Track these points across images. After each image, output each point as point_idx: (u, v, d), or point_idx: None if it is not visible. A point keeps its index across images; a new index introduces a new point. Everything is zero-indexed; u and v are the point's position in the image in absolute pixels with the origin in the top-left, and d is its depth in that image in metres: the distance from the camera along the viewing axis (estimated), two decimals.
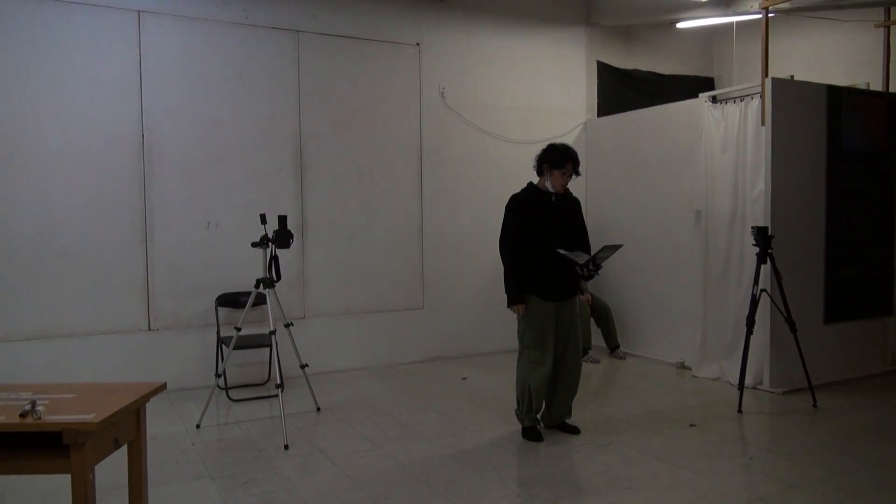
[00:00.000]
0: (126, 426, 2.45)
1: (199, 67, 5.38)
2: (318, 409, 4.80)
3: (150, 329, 5.27)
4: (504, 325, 6.71)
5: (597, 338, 6.58)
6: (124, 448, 2.51)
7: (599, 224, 6.99)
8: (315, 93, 5.82)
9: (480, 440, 4.17)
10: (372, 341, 6.14)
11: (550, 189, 4.15)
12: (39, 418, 2.15)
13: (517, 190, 4.32)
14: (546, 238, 4.08)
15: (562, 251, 4.01)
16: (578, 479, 3.59)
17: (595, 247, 4.22)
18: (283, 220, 4.41)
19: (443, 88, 6.39)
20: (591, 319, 6.48)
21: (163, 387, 2.60)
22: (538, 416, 4.24)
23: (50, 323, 4.95)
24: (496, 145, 6.67)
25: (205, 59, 5.40)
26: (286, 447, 4.04)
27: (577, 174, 4.15)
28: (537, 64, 6.89)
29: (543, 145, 4.31)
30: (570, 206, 4.23)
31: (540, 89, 6.90)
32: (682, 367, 5.94)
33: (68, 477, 2.18)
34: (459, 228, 6.53)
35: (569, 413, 4.31)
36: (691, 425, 4.39)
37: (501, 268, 4.23)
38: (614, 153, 6.81)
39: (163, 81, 5.26)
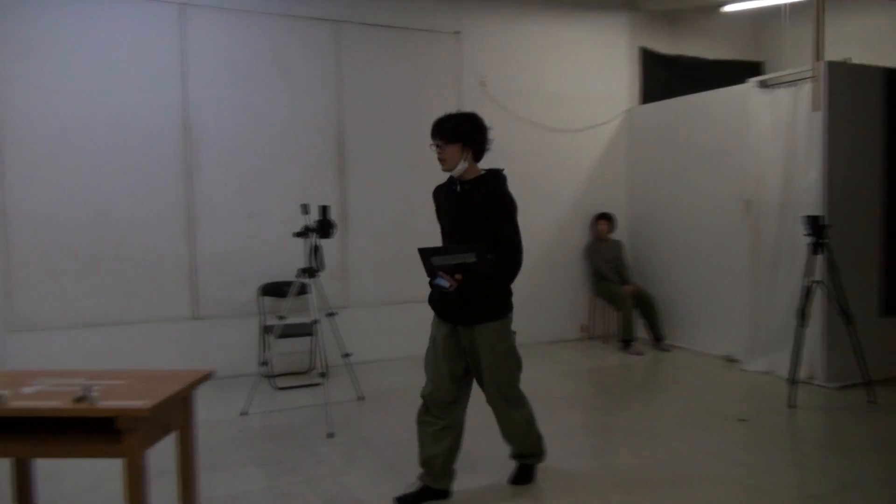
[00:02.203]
0: (175, 413, 2.48)
1: (240, 59, 5.43)
2: (361, 398, 4.82)
3: (196, 317, 5.36)
4: (546, 315, 6.67)
5: (640, 330, 6.47)
6: (170, 434, 2.54)
7: (643, 213, 6.87)
8: (355, 83, 5.82)
9: None
10: (413, 331, 6.10)
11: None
12: (94, 404, 2.19)
13: (559, 179, 4.17)
14: (444, 239, 3.17)
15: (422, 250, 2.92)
16: (625, 473, 3.52)
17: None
18: (325, 209, 4.43)
19: (483, 77, 6.33)
20: (636, 311, 6.39)
21: (210, 374, 2.62)
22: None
23: (102, 311, 5.07)
24: (537, 134, 6.58)
25: (246, 50, 5.45)
26: (330, 435, 4.07)
27: (445, 142, 2.98)
28: (579, 51, 6.77)
29: (585, 134, 4.14)
30: (478, 202, 3.00)
31: (581, 77, 6.78)
32: (730, 360, 5.79)
33: (117, 461, 2.21)
34: None
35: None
36: (741, 420, 4.28)
37: (542, 255, 4.05)
38: (659, 141, 6.66)
39: (206, 74, 5.32)
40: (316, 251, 4.44)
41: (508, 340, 3.11)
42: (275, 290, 5.45)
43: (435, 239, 3.22)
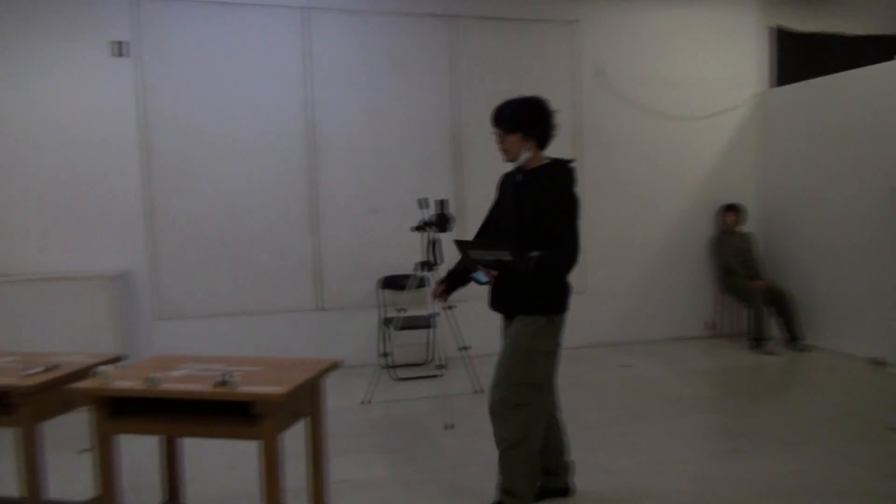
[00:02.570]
0: (306, 399, 2.58)
1: (360, 60, 5.59)
2: (479, 391, 4.84)
3: (320, 309, 5.59)
4: (667, 311, 6.41)
5: (774, 329, 6.06)
6: (301, 419, 2.64)
7: (776, 204, 6.43)
8: (470, 77, 5.83)
9: (650, 431, 3.99)
10: None
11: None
12: (234, 389, 2.31)
13: (682, 168, 3.91)
14: (503, 224, 2.99)
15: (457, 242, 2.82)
16: (762, 481, 3.31)
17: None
18: (443, 204, 4.47)
19: (601, 65, 6.15)
20: (769, 308, 5.99)
21: (338, 364, 2.71)
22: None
23: (236, 302, 5.40)
24: (658, 122, 6.32)
25: (365, 51, 5.60)
26: (449, 426, 4.11)
27: (505, 131, 2.85)
28: (702, 34, 6.42)
29: (710, 120, 3.88)
30: (534, 194, 2.79)
31: (705, 61, 6.43)
32: (878, 362, 5.31)
33: (253, 442, 2.33)
34: (619, 209, 6.28)
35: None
36: (891, 428, 3.91)
37: (662, 248, 3.82)
38: (796, 126, 6.20)
39: (327, 74, 5.52)
40: (434, 245, 4.50)
41: (541, 341, 2.78)
42: (394, 283, 5.58)
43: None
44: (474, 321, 5.80)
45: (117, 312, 4.79)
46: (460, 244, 2.77)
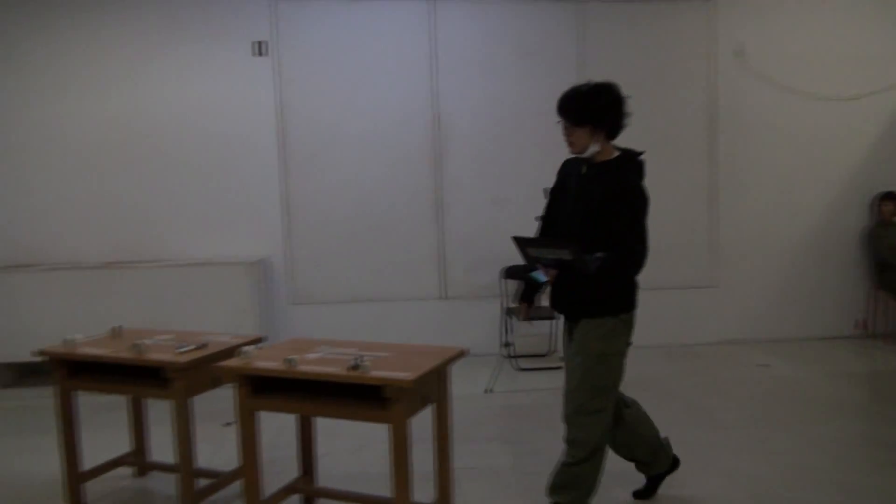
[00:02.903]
0: (433, 386, 2.62)
1: (485, 48, 5.59)
2: None
3: (444, 297, 5.67)
4: (813, 308, 5.96)
5: None
6: (428, 405, 2.69)
7: None
8: (597, 63, 5.65)
9: (791, 437, 3.72)
10: (658, 319, 5.86)
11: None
12: (365, 373, 2.39)
13: (831, 154, 3.52)
14: (564, 218, 2.74)
15: (517, 239, 2.61)
16: None
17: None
18: None
19: (740, 45, 5.77)
20: None
21: (464, 352, 2.73)
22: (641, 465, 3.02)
23: (365, 288, 5.60)
24: (805, 104, 5.84)
25: (490, 39, 5.59)
26: None
27: (572, 123, 2.65)
28: (855, 3, 5.85)
29: (866, 101, 3.49)
30: (600, 189, 2.61)
31: (860, 34, 5.86)
32: None
33: (380, 425, 2.40)
34: (758, 198, 5.89)
35: (550, 494, 2.75)
36: None
37: (808, 240, 3.49)
38: None
39: (453, 65, 5.56)
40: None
41: (612, 343, 2.59)
42: (517, 273, 5.54)
43: (683, 223, 2.98)
44: None
45: (256, 296, 5.09)
46: (519, 241, 2.57)
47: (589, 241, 2.52)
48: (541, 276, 2.70)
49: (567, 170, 2.80)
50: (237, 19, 5.37)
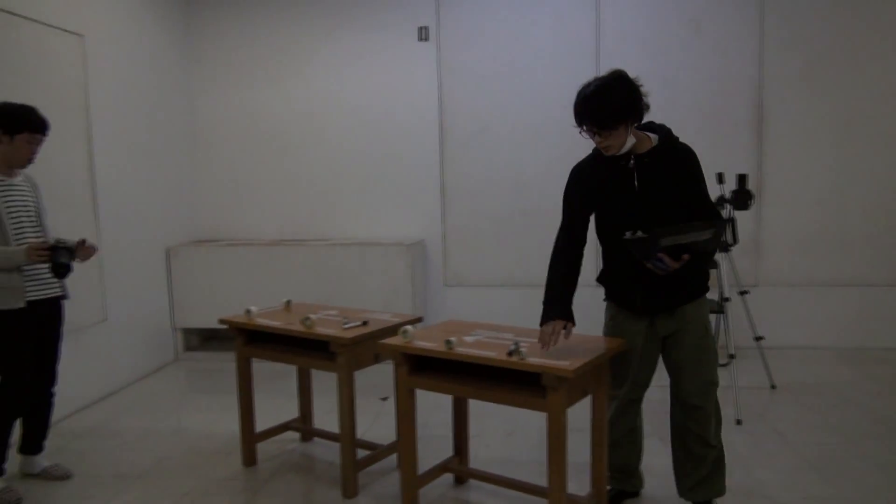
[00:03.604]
0: (591, 377, 2.53)
1: (654, 27, 5.29)
2: (773, 387, 4.37)
3: (590, 285, 5.48)
4: None
5: None
6: (586, 396, 2.61)
7: None
8: (781, 37, 5.18)
9: None
10: (839, 319, 5.33)
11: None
12: (524, 359, 2.36)
13: None
14: (620, 219, 2.59)
15: (628, 235, 2.42)
16: None
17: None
18: (742, 179, 4.07)
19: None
20: None
21: (623, 345, 2.61)
22: (622, 475, 2.91)
23: (516, 273, 5.57)
24: None
25: (661, 16, 5.28)
26: (738, 422, 3.78)
27: (603, 129, 2.48)
28: None
29: None
30: (670, 171, 2.54)
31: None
32: None
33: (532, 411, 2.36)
34: None
35: (704, 493, 2.71)
36: None
37: None
38: None
39: (619, 46, 5.33)
40: (731, 224, 4.13)
41: (708, 318, 2.66)
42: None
43: (877, 217, 2.64)
44: (767, 309, 5.26)
45: (411, 277, 5.23)
46: (658, 234, 2.34)
47: (653, 226, 2.39)
48: (662, 264, 2.37)
49: (590, 176, 2.74)
50: (404, 4, 5.48)
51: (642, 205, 2.52)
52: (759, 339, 4.31)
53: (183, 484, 3.18)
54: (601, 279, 2.84)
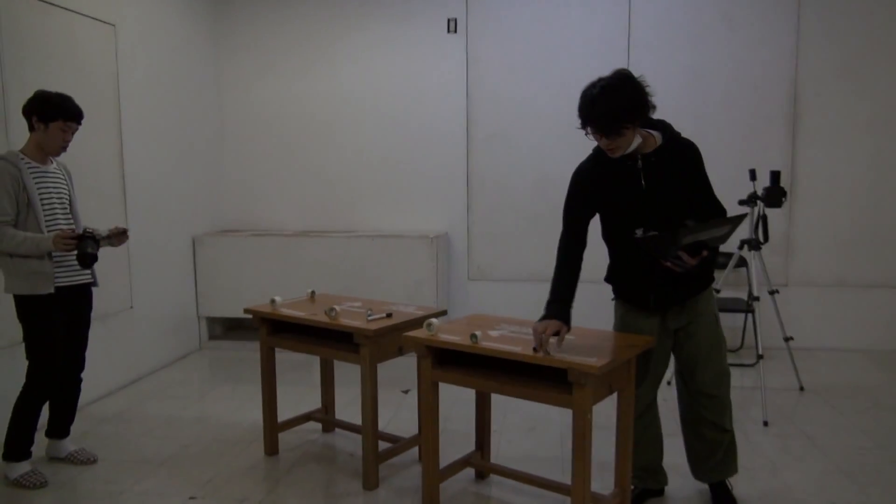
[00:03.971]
0: (618, 374, 2.49)
1: (685, 18, 5.20)
2: (802, 389, 4.29)
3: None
4: None
5: None
6: (612, 393, 2.57)
7: None
8: (818, 32, 5.06)
9: None
10: (871, 321, 5.21)
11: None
12: (551, 355, 2.33)
13: None
14: (629, 219, 2.56)
15: (639, 234, 2.47)
16: None
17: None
18: (775, 175, 3.98)
19: None
20: None
21: (650, 342, 2.57)
22: (645, 474, 2.91)
23: (540, 268, 5.51)
24: None
25: (692, 8, 5.18)
26: (765, 423, 3.71)
27: (609, 134, 2.42)
28: None
29: None
30: (677, 169, 2.51)
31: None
32: None
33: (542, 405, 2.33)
34: None
35: (719, 474, 2.81)
36: None
37: None
38: None
39: (649, 37, 5.24)
40: (762, 221, 4.04)
41: (715, 307, 2.73)
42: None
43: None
44: (797, 309, 5.16)
45: (436, 270, 5.21)
46: (678, 233, 2.32)
47: (661, 226, 2.44)
48: (681, 262, 2.37)
49: (595, 179, 2.68)
50: None
51: (650, 204, 2.51)
52: (788, 339, 4.22)
53: (205, 471, 3.20)
54: (609, 279, 2.81)
